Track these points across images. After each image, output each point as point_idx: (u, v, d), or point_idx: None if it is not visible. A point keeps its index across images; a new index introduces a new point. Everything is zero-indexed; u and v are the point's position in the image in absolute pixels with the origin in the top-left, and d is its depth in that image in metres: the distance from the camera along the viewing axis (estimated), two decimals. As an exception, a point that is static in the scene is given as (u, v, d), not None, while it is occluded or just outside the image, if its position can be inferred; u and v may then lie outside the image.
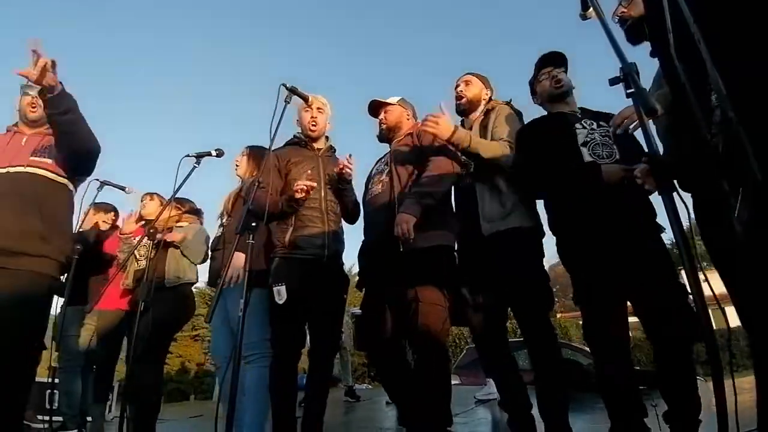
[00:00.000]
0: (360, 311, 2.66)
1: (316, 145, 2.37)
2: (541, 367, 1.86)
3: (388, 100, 2.32)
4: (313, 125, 2.33)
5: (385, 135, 2.30)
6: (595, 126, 1.89)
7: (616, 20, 1.76)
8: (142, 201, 3.23)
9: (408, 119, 2.31)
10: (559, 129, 1.91)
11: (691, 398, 1.60)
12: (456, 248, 2.07)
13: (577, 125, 1.90)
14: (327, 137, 2.44)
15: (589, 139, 1.85)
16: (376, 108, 2.34)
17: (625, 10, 1.71)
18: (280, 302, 2.00)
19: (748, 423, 0.90)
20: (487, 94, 2.25)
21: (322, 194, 2.21)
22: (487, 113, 2.15)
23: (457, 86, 2.26)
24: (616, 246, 1.67)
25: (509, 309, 2.02)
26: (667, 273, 1.67)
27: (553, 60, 2.03)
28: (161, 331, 2.62)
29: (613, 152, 1.81)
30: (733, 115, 0.46)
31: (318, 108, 2.35)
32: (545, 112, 2.06)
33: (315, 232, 2.14)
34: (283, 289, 2.02)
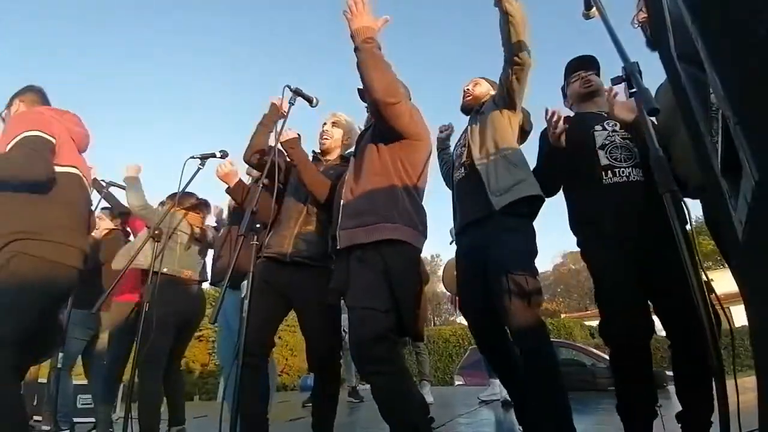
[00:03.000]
0: None
1: (326, 158, 2.34)
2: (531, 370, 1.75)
3: None
4: (324, 138, 2.32)
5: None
6: (617, 128, 1.86)
7: (637, 25, 1.76)
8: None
9: None
10: (578, 131, 1.89)
11: (706, 399, 1.56)
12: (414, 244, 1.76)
13: (597, 127, 1.88)
14: (344, 154, 2.33)
15: (608, 142, 1.83)
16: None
17: (646, 15, 1.71)
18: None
19: (751, 422, 0.90)
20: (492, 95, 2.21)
21: (306, 198, 2.16)
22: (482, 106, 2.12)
23: (467, 86, 2.25)
24: (638, 246, 1.67)
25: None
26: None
27: (585, 64, 2.05)
28: (160, 329, 2.60)
29: (632, 155, 1.79)
30: (730, 115, 0.47)
31: (333, 122, 2.33)
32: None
33: (284, 233, 2.11)
34: (245, 283, 1.94)
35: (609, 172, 1.78)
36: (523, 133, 2.09)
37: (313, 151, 2.41)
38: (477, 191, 1.90)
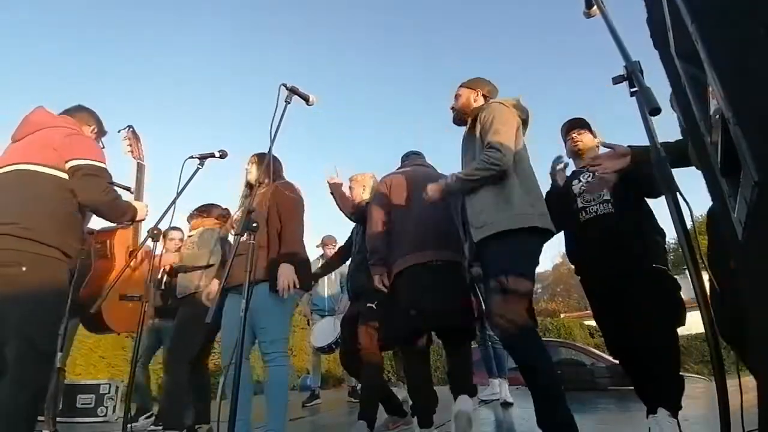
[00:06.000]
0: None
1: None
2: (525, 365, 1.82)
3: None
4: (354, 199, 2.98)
5: None
6: (589, 178, 2.24)
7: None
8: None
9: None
10: (565, 187, 2.34)
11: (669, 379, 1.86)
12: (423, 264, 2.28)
13: (575, 181, 2.32)
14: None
15: (581, 190, 2.27)
16: None
17: None
18: None
19: (753, 421, 0.90)
20: (477, 97, 2.20)
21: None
22: (474, 121, 2.09)
23: (451, 105, 2.29)
24: (613, 271, 2.03)
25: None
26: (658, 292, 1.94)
27: (575, 125, 2.40)
28: (178, 338, 2.63)
29: (600, 194, 2.19)
30: (730, 115, 0.46)
31: (350, 186, 3.02)
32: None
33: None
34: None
35: (583, 212, 2.23)
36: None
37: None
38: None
